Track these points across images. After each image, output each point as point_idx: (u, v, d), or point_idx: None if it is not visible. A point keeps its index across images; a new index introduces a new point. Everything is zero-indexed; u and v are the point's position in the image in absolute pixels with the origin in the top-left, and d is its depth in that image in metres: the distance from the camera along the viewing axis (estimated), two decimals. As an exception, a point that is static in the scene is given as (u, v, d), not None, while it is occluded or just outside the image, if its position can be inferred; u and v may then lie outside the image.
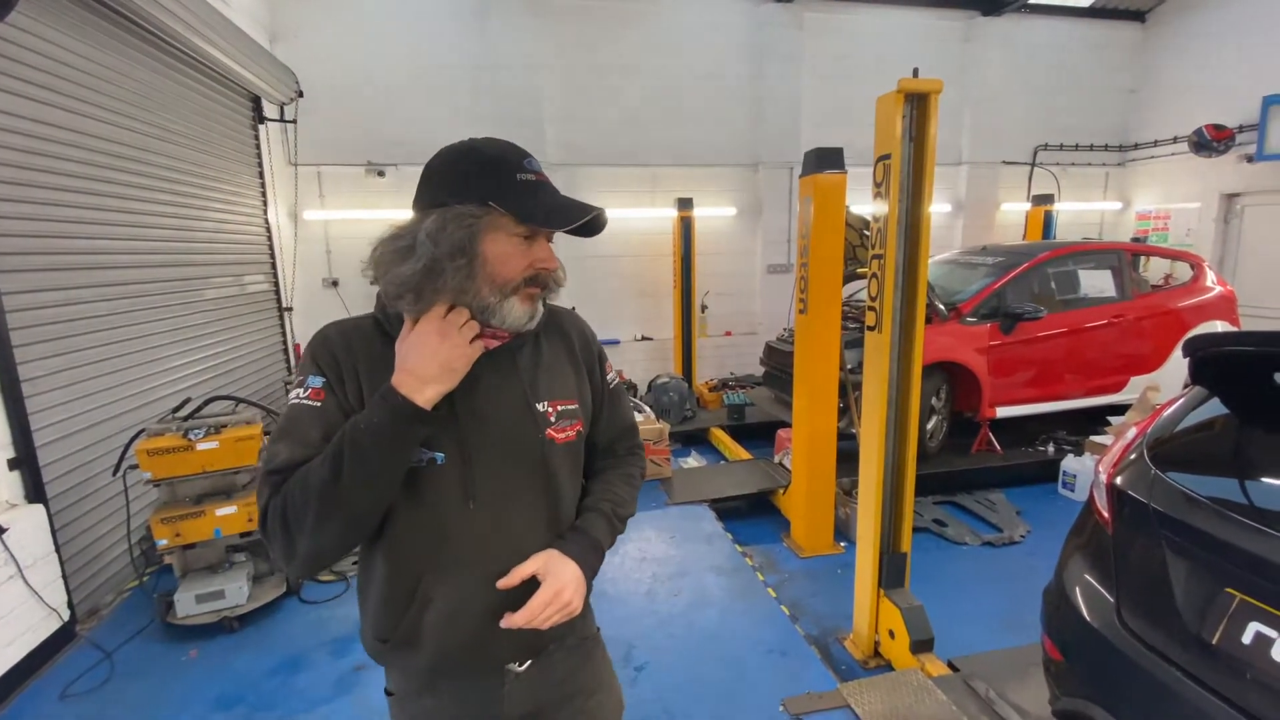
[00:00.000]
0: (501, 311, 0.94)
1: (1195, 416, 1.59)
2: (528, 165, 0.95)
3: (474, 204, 0.91)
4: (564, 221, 0.91)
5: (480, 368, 0.98)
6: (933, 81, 2.28)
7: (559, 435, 1.05)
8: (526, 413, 1.02)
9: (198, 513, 2.81)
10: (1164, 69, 7.49)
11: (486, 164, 0.94)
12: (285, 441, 0.92)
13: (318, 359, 0.97)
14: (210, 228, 4.31)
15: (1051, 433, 4.85)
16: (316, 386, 0.95)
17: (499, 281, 0.93)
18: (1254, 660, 1.18)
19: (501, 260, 0.93)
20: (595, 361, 1.18)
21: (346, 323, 1.03)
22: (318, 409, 0.94)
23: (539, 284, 0.98)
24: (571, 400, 1.08)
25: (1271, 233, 6.63)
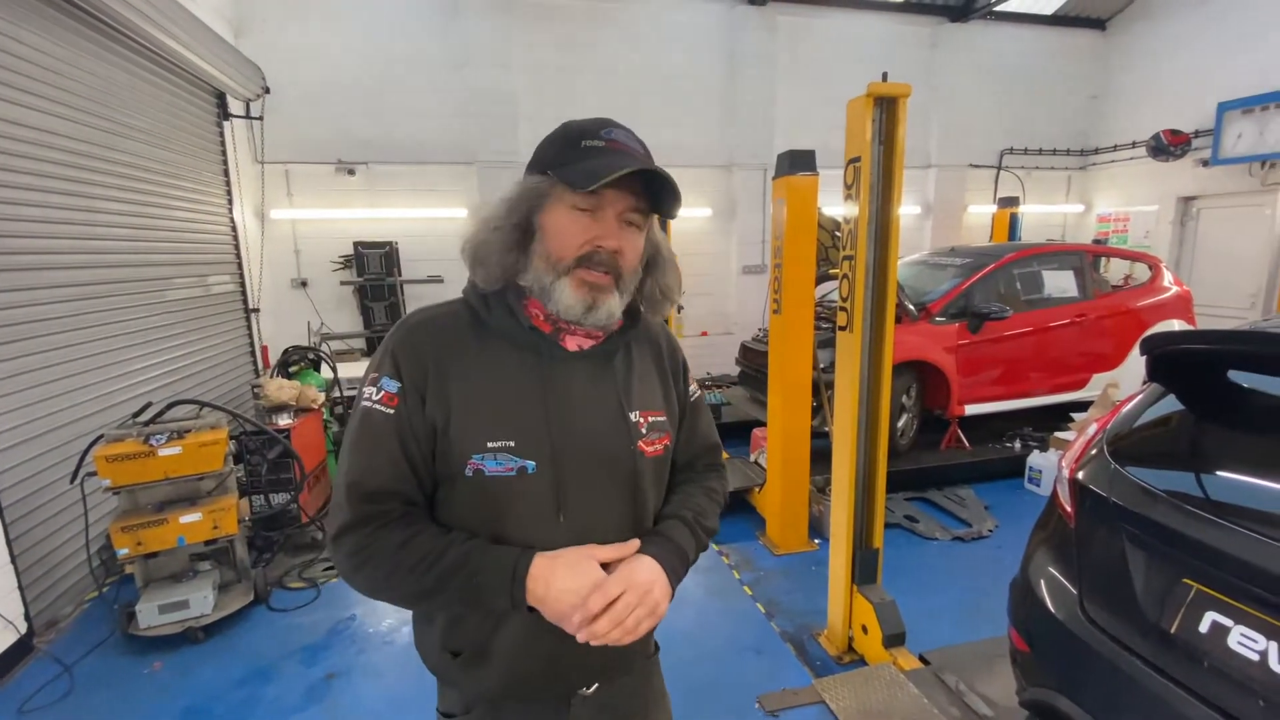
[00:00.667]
0: (554, 294, 0.88)
1: (1153, 412, 1.64)
2: (605, 134, 0.89)
3: (536, 174, 0.90)
4: (588, 179, 0.81)
5: (574, 369, 0.94)
6: (901, 86, 2.32)
7: (649, 448, 0.98)
8: (620, 422, 0.95)
9: (160, 520, 2.73)
10: (1124, 76, 7.74)
11: (562, 134, 0.91)
12: (363, 452, 0.87)
13: (398, 357, 0.89)
14: (173, 227, 4.19)
15: (1017, 429, 4.97)
16: (391, 391, 0.87)
17: (552, 258, 0.88)
18: (1211, 649, 1.23)
19: (556, 234, 0.88)
20: (680, 371, 1.11)
21: (436, 311, 0.95)
22: (390, 417, 0.87)
23: (595, 266, 0.88)
24: (661, 411, 1.02)
25: (1225, 234, 6.90)
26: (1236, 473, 1.40)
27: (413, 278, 6.13)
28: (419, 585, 0.84)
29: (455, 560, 0.84)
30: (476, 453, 0.87)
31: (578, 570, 0.86)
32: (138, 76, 3.87)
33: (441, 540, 0.86)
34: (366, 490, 0.85)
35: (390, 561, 0.84)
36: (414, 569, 0.84)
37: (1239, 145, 6.14)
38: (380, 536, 0.85)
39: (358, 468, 0.86)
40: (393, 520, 0.86)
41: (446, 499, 0.91)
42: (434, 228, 6.19)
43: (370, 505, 0.85)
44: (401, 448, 0.87)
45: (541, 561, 0.85)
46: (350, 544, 0.85)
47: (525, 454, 0.88)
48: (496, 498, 0.88)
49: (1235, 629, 1.21)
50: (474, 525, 0.90)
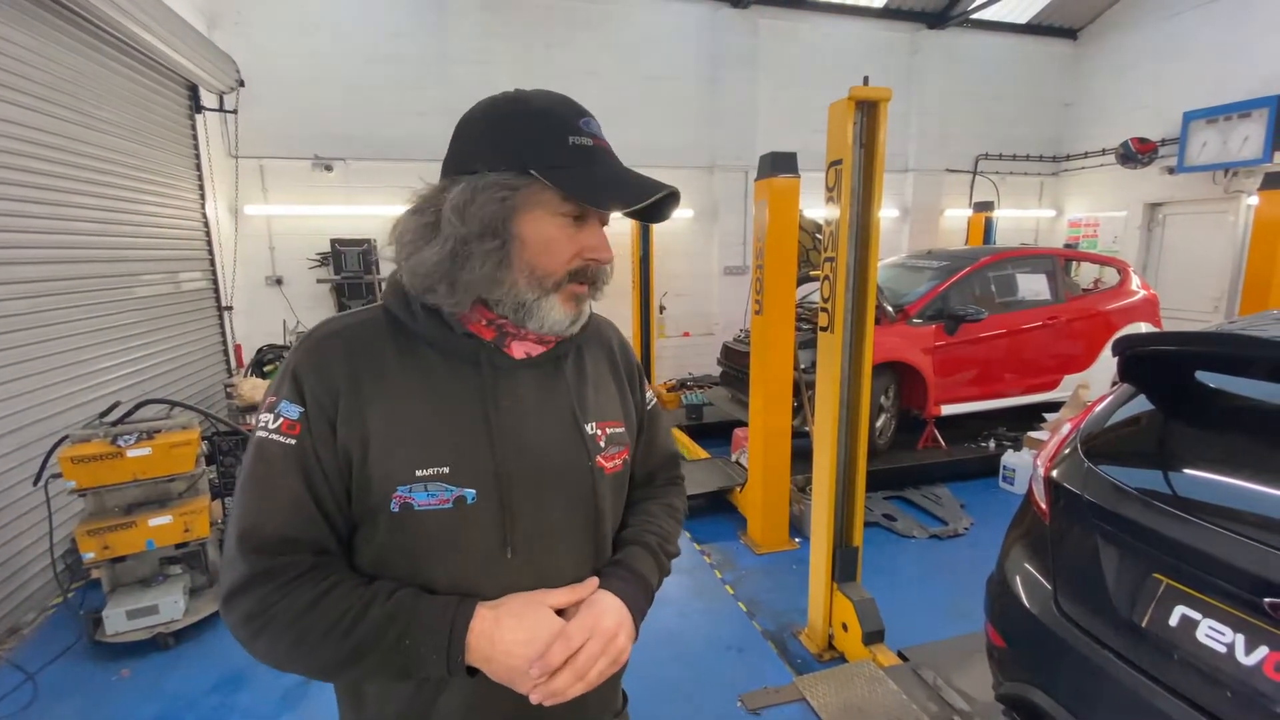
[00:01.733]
0: (539, 312, 0.77)
1: (1124, 412, 1.69)
2: (584, 126, 0.76)
3: (512, 171, 0.73)
4: (627, 200, 0.72)
5: (519, 380, 0.81)
6: (882, 90, 2.35)
7: (608, 464, 0.86)
8: (575, 436, 0.83)
9: (128, 524, 2.65)
10: (1094, 84, 7.94)
11: (533, 120, 0.75)
12: (257, 494, 0.72)
13: (300, 376, 0.74)
14: (142, 222, 4.08)
15: (992, 429, 5.07)
16: (291, 418, 0.73)
17: (538, 273, 0.76)
18: (1181, 642, 1.26)
19: (542, 246, 0.75)
20: (635, 376, 1.00)
21: (348, 320, 0.80)
22: (290, 449, 0.72)
23: (586, 279, 0.79)
24: (619, 422, 0.90)
25: (1190, 240, 7.11)
26: (1204, 471, 1.44)
27: (391, 276, 6.04)
28: (335, 654, 0.69)
29: (379, 619, 0.70)
30: (403, 483, 0.73)
31: (528, 620, 0.73)
32: (105, 66, 3.77)
33: (362, 595, 0.71)
34: (263, 540, 0.71)
35: (297, 626, 0.69)
36: (328, 634, 0.69)
37: (1203, 154, 6.33)
38: (283, 596, 0.69)
39: (251, 513, 0.72)
40: (299, 575, 0.71)
41: (367, 541, 0.77)
42: (413, 226, 6.10)
43: (268, 558, 0.70)
44: (306, 485, 0.72)
45: (484, 613, 0.72)
46: (246, 607, 0.69)
47: (462, 481, 0.75)
48: (429, 536, 0.75)
49: (1204, 622, 1.24)
50: (402, 571, 0.76)
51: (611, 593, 0.82)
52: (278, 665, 0.72)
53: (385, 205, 5.98)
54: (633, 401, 0.98)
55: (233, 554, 0.72)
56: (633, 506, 0.98)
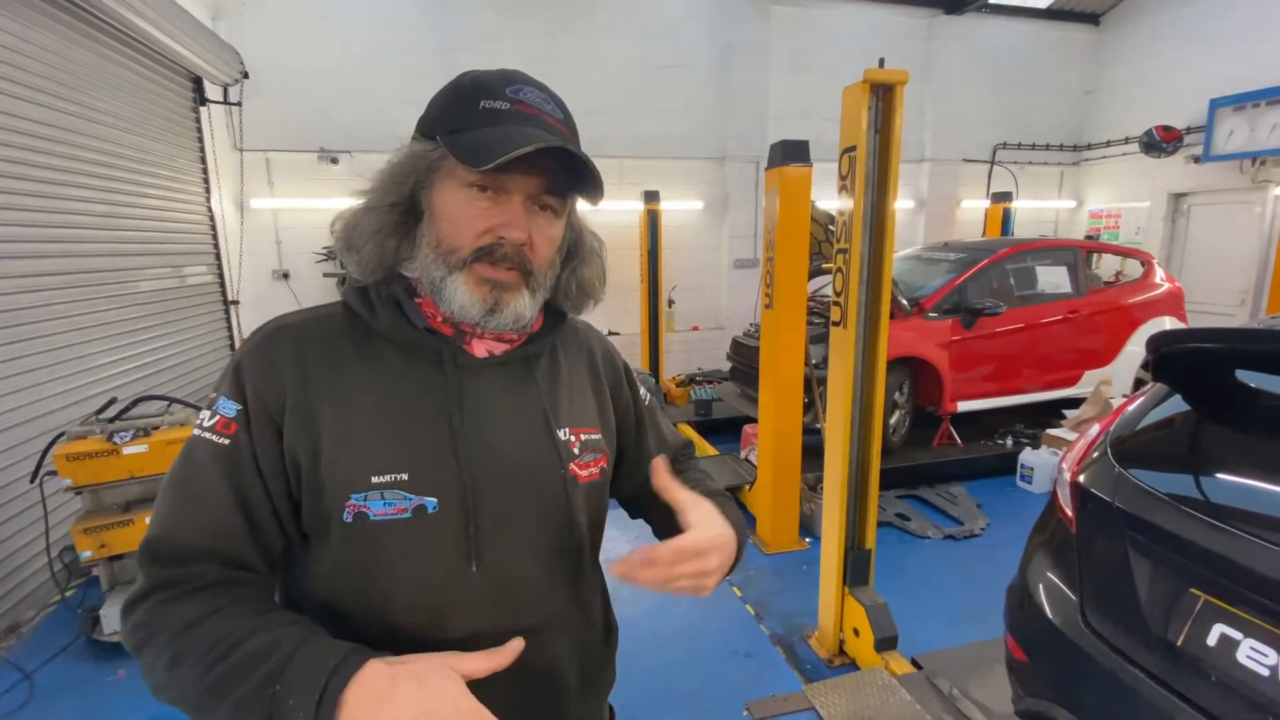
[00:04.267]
0: (446, 293, 0.71)
1: (1158, 414, 1.58)
2: (510, 93, 0.70)
3: (427, 140, 0.71)
4: (484, 155, 0.64)
5: (485, 380, 0.76)
6: (898, 72, 2.24)
7: (582, 472, 0.80)
8: (546, 441, 0.77)
9: (126, 521, 2.62)
10: (1117, 71, 7.71)
11: (455, 90, 0.72)
12: (174, 499, 0.66)
13: (243, 372, 0.69)
14: (145, 215, 4.05)
15: (1009, 426, 4.94)
16: (227, 416, 0.67)
17: (443, 248, 0.70)
18: (1219, 663, 1.16)
19: (448, 219, 0.70)
20: (621, 378, 0.94)
21: (303, 315, 0.75)
22: (222, 450, 0.66)
23: (498, 261, 0.71)
24: (595, 428, 0.85)
25: (1216, 231, 6.89)
26: (1247, 478, 1.34)
27: (398, 270, 6.01)
28: (200, 683, 0.58)
29: (255, 651, 0.58)
30: (357, 491, 0.67)
31: (430, 688, 0.57)
32: (106, 59, 3.73)
33: (249, 621, 0.61)
34: (169, 548, 0.63)
35: (175, 646, 0.59)
36: (201, 658, 0.58)
37: (1230, 142, 6.12)
38: (171, 608, 0.61)
39: (165, 519, 0.65)
40: (197, 588, 0.62)
41: (317, 556, 0.70)
42: (419, 219, 6.06)
43: (170, 569, 0.63)
44: (233, 491, 0.65)
45: (377, 668, 0.57)
46: (136, 617, 0.62)
47: (422, 489, 0.69)
48: (384, 548, 0.68)
49: (1245, 642, 1.15)
50: (356, 588, 0.69)
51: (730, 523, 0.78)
52: (156, 690, 0.61)
53: (391, 198, 5.93)
54: (620, 404, 0.93)
55: (140, 556, 0.65)
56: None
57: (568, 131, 0.74)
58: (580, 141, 0.77)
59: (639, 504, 1.00)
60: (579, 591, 0.83)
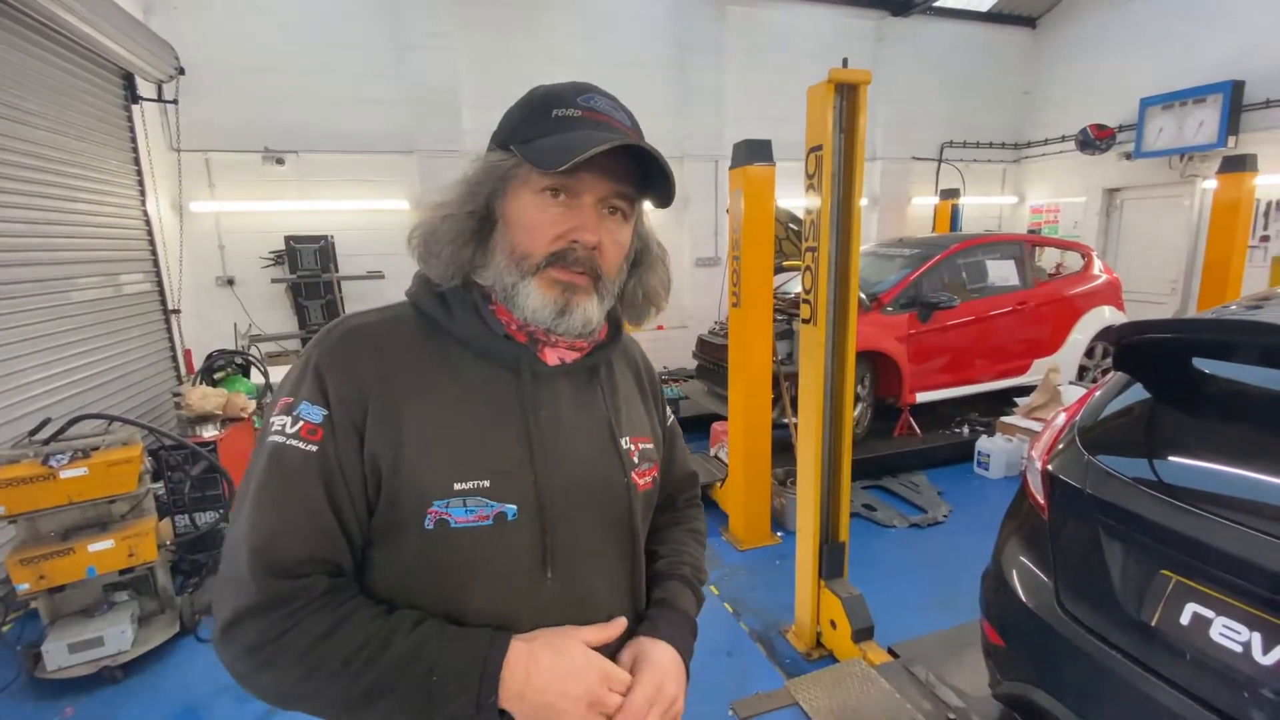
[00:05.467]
0: (519, 298, 0.71)
1: (1120, 402, 1.65)
2: (582, 100, 0.72)
3: (498, 150, 0.74)
4: (558, 157, 0.65)
5: (557, 389, 0.77)
6: (861, 73, 2.27)
7: (640, 480, 0.82)
8: (612, 450, 0.79)
9: (65, 550, 2.44)
10: (1053, 72, 8.06)
11: (530, 102, 0.74)
12: (273, 507, 0.64)
13: (324, 375, 0.68)
14: (74, 221, 3.79)
15: (965, 415, 5.11)
16: (313, 421, 0.66)
17: (517, 253, 0.71)
18: (1193, 641, 1.21)
19: (522, 226, 0.71)
20: (659, 394, 0.97)
21: (375, 316, 0.75)
22: (312, 456, 0.65)
23: (571, 265, 0.71)
24: (649, 438, 0.87)
25: (1148, 224, 7.29)
26: (1206, 461, 1.40)
27: (351, 274, 5.79)
28: (350, 689, 0.63)
29: (404, 651, 0.63)
30: (440, 498, 0.67)
31: (565, 654, 0.68)
32: (26, 53, 3.46)
33: (383, 625, 0.65)
34: (279, 561, 0.63)
35: (310, 659, 0.62)
36: (345, 667, 0.62)
37: (1160, 139, 6.48)
38: (294, 624, 0.62)
39: (266, 529, 0.64)
40: (313, 599, 0.64)
41: (391, 559, 0.70)
42: (373, 220, 5.87)
43: (284, 581, 0.63)
44: (328, 498, 0.66)
45: (519, 646, 0.67)
46: (252, 635, 0.62)
47: (503, 497, 0.70)
48: (465, 555, 0.69)
49: (1217, 620, 1.20)
50: (430, 593, 0.69)
51: (667, 643, 0.79)
52: (281, 703, 0.65)
53: (343, 199, 5.72)
54: (657, 418, 0.95)
55: (241, 575, 0.63)
56: (659, 532, 0.95)
57: (636, 136, 0.75)
58: None
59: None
60: (635, 600, 0.84)
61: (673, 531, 0.96)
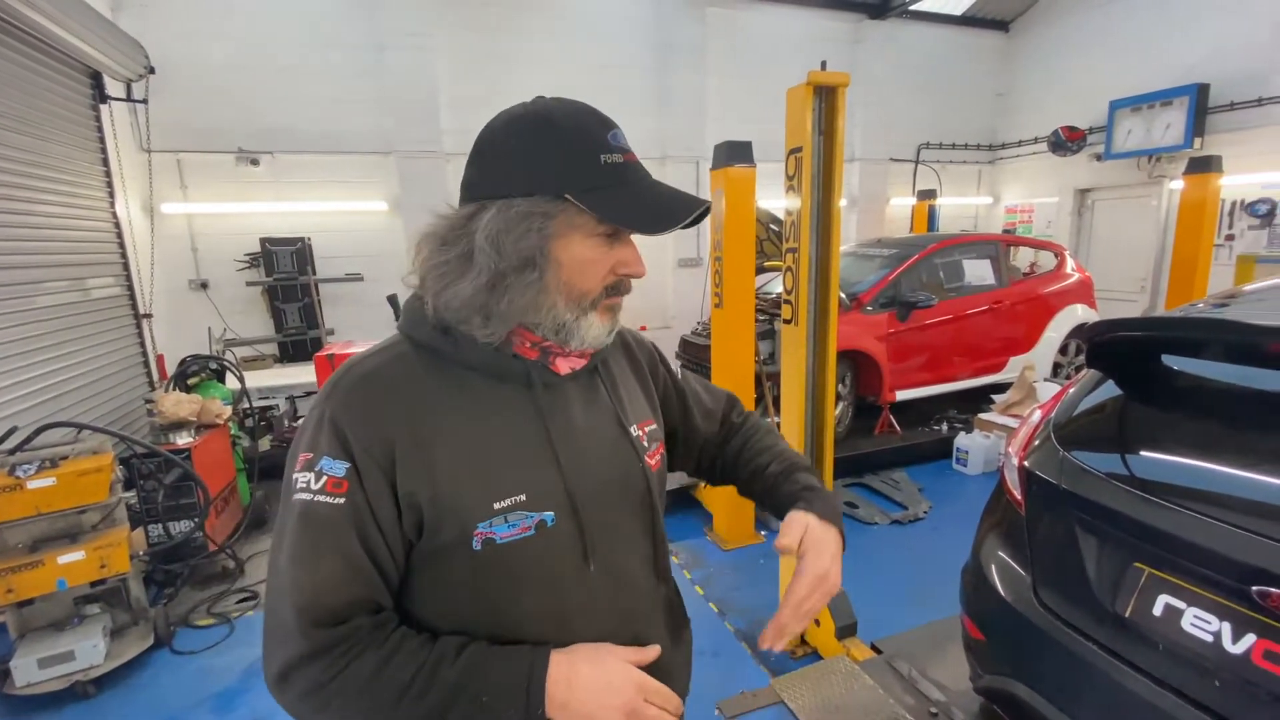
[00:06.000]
0: (580, 331, 0.76)
1: (1093, 399, 1.68)
2: (613, 141, 0.73)
3: (545, 196, 0.70)
4: (666, 222, 0.70)
5: (567, 394, 0.82)
6: (840, 75, 2.30)
7: (652, 461, 0.88)
8: (624, 440, 0.85)
9: (34, 562, 2.37)
10: (1026, 75, 8.22)
11: (563, 140, 0.71)
12: (309, 564, 0.67)
13: (342, 427, 0.69)
14: (40, 224, 3.68)
15: (944, 412, 5.19)
16: (336, 476, 0.68)
17: (575, 294, 0.74)
18: (1166, 631, 1.24)
19: (579, 268, 0.73)
20: (655, 359, 1.03)
21: (378, 360, 0.76)
22: (341, 509, 0.68)
23: (620, 292, 0.79)
24: (652, 419, 0.93)
25: (1118, 224, 7.47)
26: (1176, 455, 1.43)
27: (329, 276, 5.72)
28: (410, 717, 0.67)
29: (451, 680, 0.67)
30: (482, 519, 0.71)
31: (603, 666, 0.72)
32: (-12, 51, 3.37)
33: (428, 654, 0.68)
34: (325, 612, 0.67)
35: (366, 697, 0.66)
36: (399, 700, 0.66)
37: (1129, 141, 6.63)
38: (345, 666, 0.66)
39: (308, 586, 0.67)
40: (359, 640, 0.68)
41: (439, 583, 0.74)
42: (350, 222, 5.80)
43: (331, 630, 0.67)
44: (362, 544, 0.69)
45: (560, 659, 0.71)
46: (306, 682, 0.66)
47: (540, 505, 0.74)
48: (514, 567, 0.74)
49: (1189, 611, 1.23)
50: (483, 608, 0.74)
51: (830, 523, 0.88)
52: None
53: (319, 201, 5.64)
54: (657, 395, 0.99)
55: (288, 629, 0.67)
56: (742, 452, 1.04)
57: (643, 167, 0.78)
58: None
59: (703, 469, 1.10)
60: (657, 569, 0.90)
61: (753, 440, 1.04)
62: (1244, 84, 5.90)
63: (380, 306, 4.99)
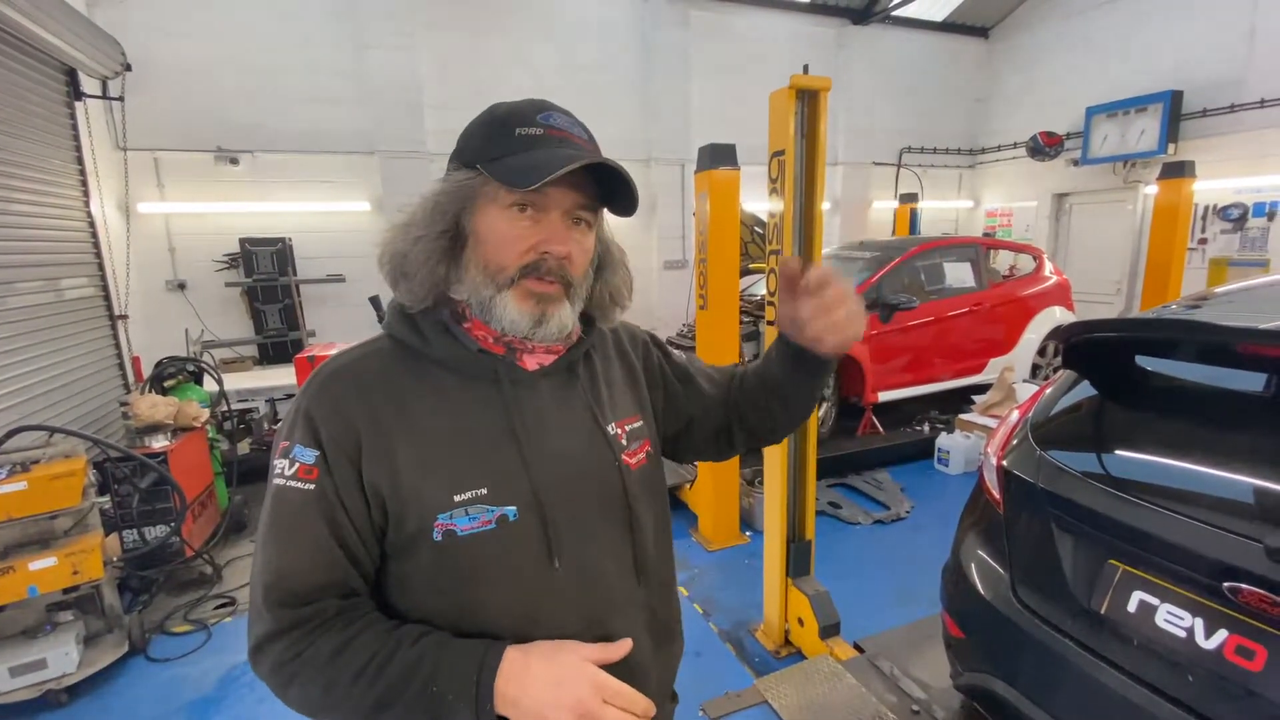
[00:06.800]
0: (496, 310, 0.76)
1: (1069, 399, 1.71)
2: (542, 119, 0.75)
3: (462, 168, 0.76)
4: (529, 177, 0.69)
5: (538, 391, 0.82)
6: (822, 79, 2.31)
7: (632, 460, 0.87)
8: (599, 438, 0.84)
9: (4, 569, 2.31)
10: (1005, 81, 8.36)
11: (489, 121, 0.76)
12: (279, 544, 0.71)
13: (314, 418, 0.73)
14: (12, 223, 3.60)
15: (925, 413, 5.24)
16: (307, 462, 0.72)
17: (490, 268, 0.75)
18: (1140, 627, 1.26)
19: (492, 241, 0.75)
20: (650, 350, 1.02)
21: (355, 355, 0.79)
22: (310, 494, 0.71)
23: (544, 275, 0.76)
24: (636, 417, 0.92)
25: (1094, 227, 7.61)
26: (1149, 454, 1.46)
27: (310, 277, 5.65)
28: (363, 700, 0.68)
29: (405, 664, 0.68)
30: (442, 511, 0.73)
31: (557, 663, 0.71)
32: (-43, 45, 3.29)
33: (387, 640, 0.70)
34: (289, 590, 0.70)
35: (325, 674, 0.68)
36: (356, 681, 0.68)
37: (1105, 146, 6.77)
38: (309, 644, 0.69)
39: (274, 564, 0.70)
40: (325, 621, 0.70)
41: (406, 574, 0.76)
42: (332, 222, 5.74)
43: (296, 609, 0.70)
44: (330, 529, 0.71)
45: (513, 655, 0.71)
46: (274, 657, 0.69)
47: (502, 500, 0.75)
48: (475, 560, 0.74)
49: (1162, 607, 1.25)
50: (448, 601, 0.75)
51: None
52: (310, 713, 0.72)
53: (300, 201, 5.57)
54: (660, 387, 1.00)
55: (259, 607, 0.70)
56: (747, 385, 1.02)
57: (594, 150, 0.78)
58: None
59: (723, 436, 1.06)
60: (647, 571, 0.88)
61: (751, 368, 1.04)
62: (1217, 91, 6.05)
63: (363, 308, 4.95)
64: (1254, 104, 5.83)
